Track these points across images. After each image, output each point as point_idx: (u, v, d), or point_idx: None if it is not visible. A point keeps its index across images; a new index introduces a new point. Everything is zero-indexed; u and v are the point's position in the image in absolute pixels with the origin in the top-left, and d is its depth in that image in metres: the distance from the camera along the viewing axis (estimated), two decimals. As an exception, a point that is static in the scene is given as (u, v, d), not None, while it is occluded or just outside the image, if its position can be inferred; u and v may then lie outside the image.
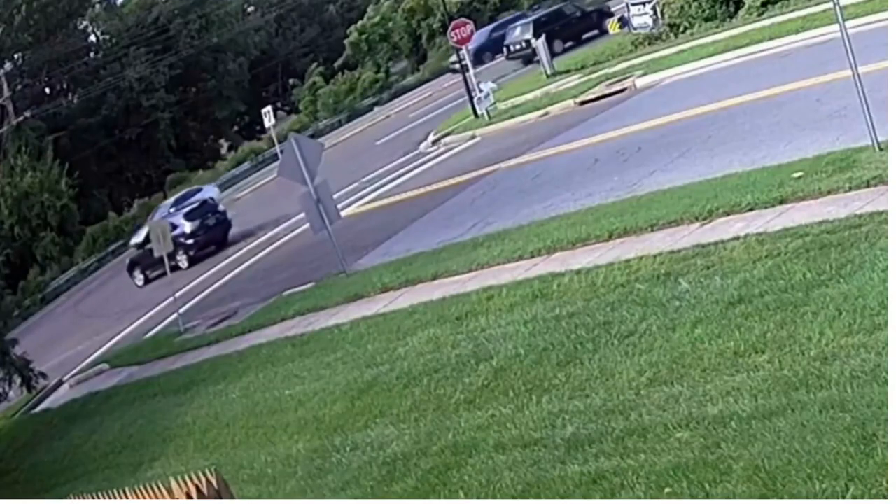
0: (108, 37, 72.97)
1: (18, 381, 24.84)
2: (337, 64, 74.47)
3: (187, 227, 37.63)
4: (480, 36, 62.10)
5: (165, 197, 67.03)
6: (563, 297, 13.14)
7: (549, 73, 39.27)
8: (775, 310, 10.04)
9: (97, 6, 73.39)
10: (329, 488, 10.96)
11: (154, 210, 50.22)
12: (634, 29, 37.73)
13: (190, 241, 37.28)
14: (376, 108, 63.22)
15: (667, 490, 7.84)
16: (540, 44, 40.80)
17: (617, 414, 9.38)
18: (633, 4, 37.57)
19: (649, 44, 35.04)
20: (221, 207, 41.05)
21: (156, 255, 26.92)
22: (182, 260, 36.43)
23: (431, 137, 36.94)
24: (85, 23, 73.19)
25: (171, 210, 44.09)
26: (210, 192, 46.37)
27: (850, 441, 7.34)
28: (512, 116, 33.50)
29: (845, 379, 8.22)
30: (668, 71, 28.75)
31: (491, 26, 62.55)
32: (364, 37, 74.16)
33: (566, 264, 14.49)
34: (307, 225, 23.43)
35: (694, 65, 28.00)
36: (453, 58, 62.20)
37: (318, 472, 11.54)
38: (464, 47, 38.32)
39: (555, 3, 61.25)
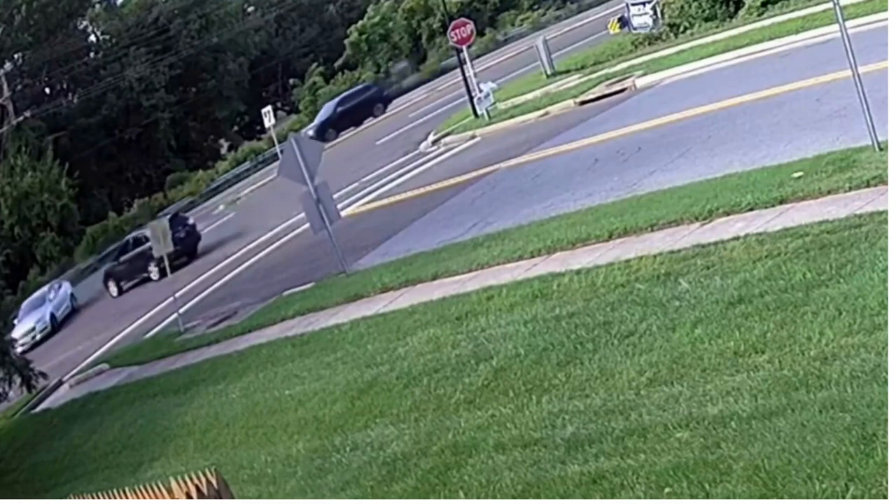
0: (108, 37, 73.05)
1: (18, 381, 24.86)
2: (337, 64, 74.57)
3: None
4: (326, 110, 60.66)
5: (166, 197, 67.15)
6: (563, 297, 13.14)
7: (549, 73, 39.28)
8: (775, 310, 10.04)
9: (97, 6, 73.47)
10: (329, 488, 10.96)
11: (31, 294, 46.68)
12: (634, 29, 37.74)
13: None
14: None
15: (667, 490, 7.84)
16: (539, 43, 40.84)
17: (617, 414, 9.38)
18: (633, 4, 37.58)
19: (649, 44, 35.05)
20: (191, 220, 41.77)
21: (155, 255, 26.97)
22: (154, 272, 37.86)
23: (431, 137, 36.95)
24: (85, 23, 73.29)
25: (51, 297, 43.19)
26: (66, 287, 44.07)
27: (850, 441, 7.34)
28: (512, 116, 33.51)
29: (845, 379, 8.22)
30: (668, 71, 28.75)
31: (337, 99, 61.38)
32: (364, 37, 74.25)
33: (566, 264, 14.48)
34: (307, 225, 23.44)
35: (694, 65, 27.99)
36: (304, 131, 60.91)
37: (318, 472, 11.54)
38: (463, 47, 38.32)
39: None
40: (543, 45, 40.46)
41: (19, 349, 34.98)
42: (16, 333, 36.79)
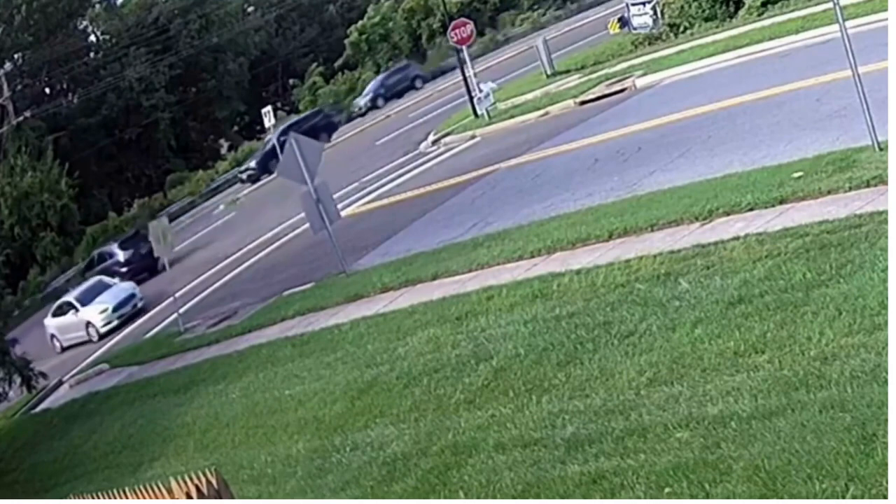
0: (108, 37, 73.00)
1: (18, 380, 24.87)
2: (337, 64, 74.54)
3: (121, 255, 41.60)
4: (269, 141, 57.07)
5: (166, 197, 67.09)
6: (563, 297, 13.14)
7: (549, 73, 39.28)
8: (775, 310, 10.04)
9: (97, 6, 73.41)
10: (329, 488, 10.97)
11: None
12: (634, 29, 37.73)
13: (124, 269, 40.42)
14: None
15: (667, 490, 7.84)
16: (539, 43, 40.84)
17: (617, 414, 9.38)
18: (633, 4, 37.57)
19: (649, 44, 35.04)
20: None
21: (156, 255, 26.99)
22: None
23: (431, 137, 36.94)
24: (85, 23, 73.23)
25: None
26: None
27: (850, 441, 7.34)
28: (512, 116, 33.50)
29: (845, 379, 8.23)
30: (668, 71, 28.74)
31: (281, 129, 56.87)
32: (364, 37, 74.21)
33: (566, 264, 14.49)
34: (306, 225, 23.42)
35: (694, 65, 27.99)
36: (247, 164, 57.63)
37: (318, 472, 11.54)
38: (463, 47, 38.32)
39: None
40: (543, 45, 40.45)
41: (115, 322, 32.67)
42: (99, 309, 33.52)
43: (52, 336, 34.96)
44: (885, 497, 6.66)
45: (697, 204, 14.53)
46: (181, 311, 25.82)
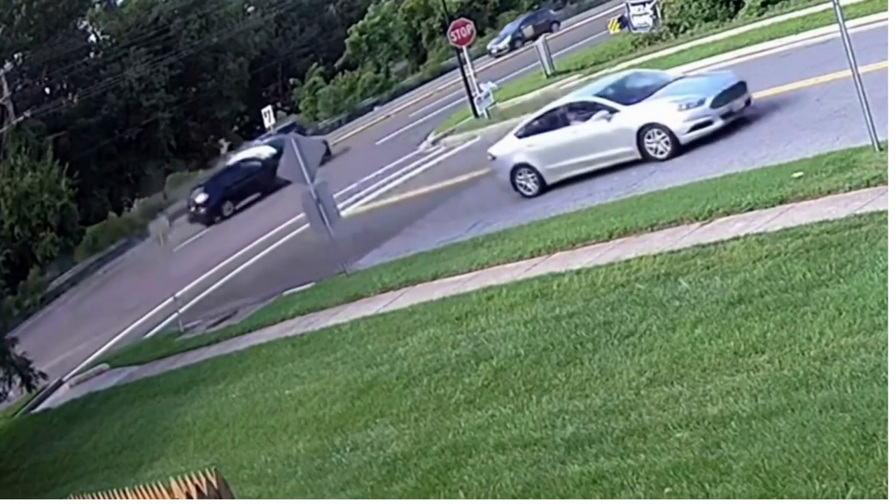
0: (108, 37, 72.98)
1: (18, 380, 24.84)
2: (337, 64, 74.55)
3: None
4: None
5: (166, 197, 67.04)
6: (563, 297, 13.15)
7: (549, 73, 39.28)
8: (775, 310, 10.05)
9: (97, 6, 73.38)
10: (329, 488, 10.97)
11: None
12: (634, 29, 37.75)
13: None
14: (376, 108, 63.21)
15: (667, 490, 7.85)
16: (539, 43, 40.85)
17: (617, 414, 9.39)
18: (633, 4, 37.59)
19: (649, 44, 35.06)
20: None
21: (155, 255, 26.88)
22: None
23: (431, 137, 36.93)
24: (85, 23, 73.18)
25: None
26: None
27: (850, 441, 7.35)
28: (512, 116, 33.47)
29: (845, 379, 8.23)
30: (667, 71, 28.72)
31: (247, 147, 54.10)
32: (364, 37, 74.25)
33: (566, 264, 14.50)
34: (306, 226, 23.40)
35: (694, 65, 27.98)
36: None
37: (318, 472, 11.55)
38: (463, 47, 38.32)
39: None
40: (543, 45, 40.46)
41: (718, 123, 19.17)
42: (683, 103, 19.58)
43: (518, 168, 22.00)
44: (885, 497, 6.66)
45: (697, 204, 14.54)
46: (181, 311, 25.80)
